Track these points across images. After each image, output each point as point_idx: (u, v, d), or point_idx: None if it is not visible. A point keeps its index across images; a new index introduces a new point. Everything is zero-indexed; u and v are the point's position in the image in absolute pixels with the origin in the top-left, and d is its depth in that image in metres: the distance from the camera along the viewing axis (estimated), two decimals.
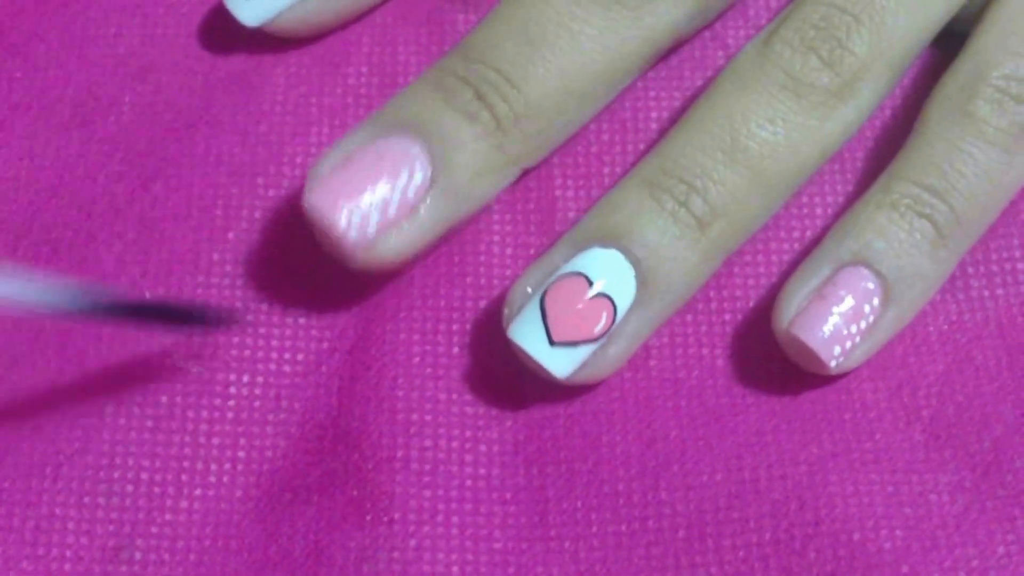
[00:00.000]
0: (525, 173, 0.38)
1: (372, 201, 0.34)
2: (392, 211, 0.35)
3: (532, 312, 0.35)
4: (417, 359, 0.37)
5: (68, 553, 0.35)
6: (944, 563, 0.34)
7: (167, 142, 0.39)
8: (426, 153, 0.35)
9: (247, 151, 0.39)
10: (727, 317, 0.38)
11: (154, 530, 0.35)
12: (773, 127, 0.36)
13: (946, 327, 0.38)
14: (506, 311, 0.35)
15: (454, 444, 0.36)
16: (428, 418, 0.36)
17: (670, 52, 0.40)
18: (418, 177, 0.35)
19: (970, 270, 0.38)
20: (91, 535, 0.35)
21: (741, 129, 0.36)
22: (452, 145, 0.35)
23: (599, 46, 0.36)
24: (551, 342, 0.34)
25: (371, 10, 0.41)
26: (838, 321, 0.35)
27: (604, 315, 0.35)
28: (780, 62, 0.36)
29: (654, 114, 0.40)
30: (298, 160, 0.39)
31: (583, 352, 0.35)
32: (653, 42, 0.37)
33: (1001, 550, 0.35)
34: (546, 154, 0.38)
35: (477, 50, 0.36)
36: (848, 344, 0.35)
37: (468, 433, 0.36)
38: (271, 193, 0.38)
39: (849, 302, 0.35)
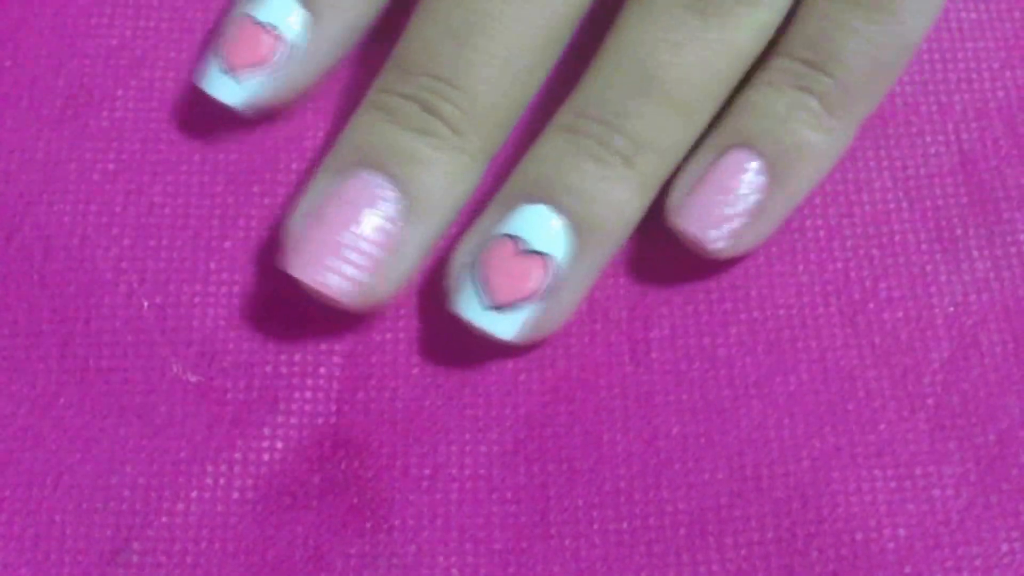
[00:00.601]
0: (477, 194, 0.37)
1: (357, 252, 0.34)
2: (378, 253, 0.34)
3: (467, 280, 0.34)
4: (416, 370, 0.36)
5: (66, 558, 0.34)
6: (947, 563, 0.34)
7: (160, 143, 0.38)
8: (391, 184, 0.34)
9: (244, 157, 0.38)
10: (728, 306, 0.37)
11: (151, 532, 0.35)
12: (682, 51, 0.35)
13: (951, 309, 0.37)
14: (447, 284, 0.35)
15: (453, 448, 0.35)
16: (428, 425, 0.36)
17: None
18: (391, 210, 0.34)
19: (975, 253, 0.38)
20: (89, 539, 0.35)
21: (649, 60, 0.35)
22: (414, 166, 0.34)
23: (529, 23, 0.35)
24: (489, 306, 0.34)
25: None
26: (717, 203, 0.35)
27: (536, 271, 0.34)
28: None
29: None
30: (293, 166, 0.38)
31: (525, 311, 0.34)
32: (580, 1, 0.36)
33: (1005, 547, 0.34)
34: (507, 135, 0.37)
35: (410, 60, 0.35)
36: (734, 224, 0.35)
37: (467, 436, 0.35)
38: (267, 201, 0.38)
39: (728, 184, 0.35)
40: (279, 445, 0.35)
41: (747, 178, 0.35)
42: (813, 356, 0.36)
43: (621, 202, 0.35)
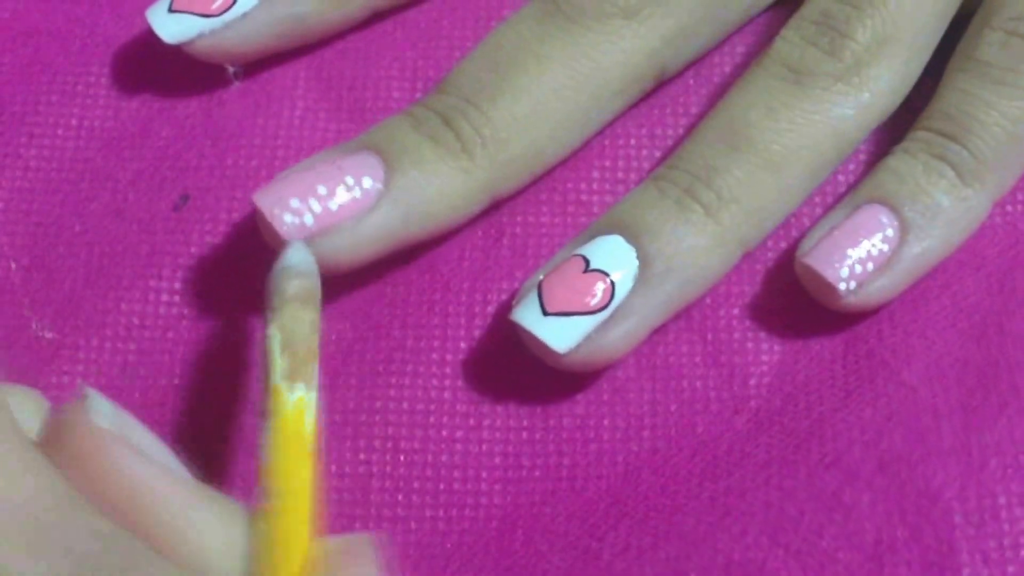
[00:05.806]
0: (497, 204, 0.36)
1: (314, 197, 0.33)
2: (339, 214, 0.33)
3: (531, 293, 0.34)
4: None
5: None
6: (746, 538, 0.33)
7: (39, 106, 0.38)
8: (381, 166, 0.34)
9: (118, 123, 0.38)
10: None
11: None
12: (774, 114, 0.35)
13: (787, 314, 0.36)
14: (514, 302, 0.34)
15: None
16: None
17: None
18: (367, 182, 0.33)
19: None
20: None
21: (740, 119, 0.35)
22: (412, 160, 0.34)
23: (568, 70, 0.35)
24: (544, 312, 0.33)
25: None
26: (848, 250, 0.34)
27: (599, 288, 0.33)
28: (779, 58, 0.35)
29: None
30: (164, 133, 0.38)
31: (582, 325, 0.33)
32: (628, 69, 0.36)
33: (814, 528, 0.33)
34: (521, 184, 0.36)
35: (450, 83, 0.35)
36: (859, 270, 0.34)
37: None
38: (135, 165, 0.38)
39: (860, 233, 0.34)
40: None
41: (878, 228, 0.34)
42: (643, 349, 0.35)
43: (695, 247, 0.34)
